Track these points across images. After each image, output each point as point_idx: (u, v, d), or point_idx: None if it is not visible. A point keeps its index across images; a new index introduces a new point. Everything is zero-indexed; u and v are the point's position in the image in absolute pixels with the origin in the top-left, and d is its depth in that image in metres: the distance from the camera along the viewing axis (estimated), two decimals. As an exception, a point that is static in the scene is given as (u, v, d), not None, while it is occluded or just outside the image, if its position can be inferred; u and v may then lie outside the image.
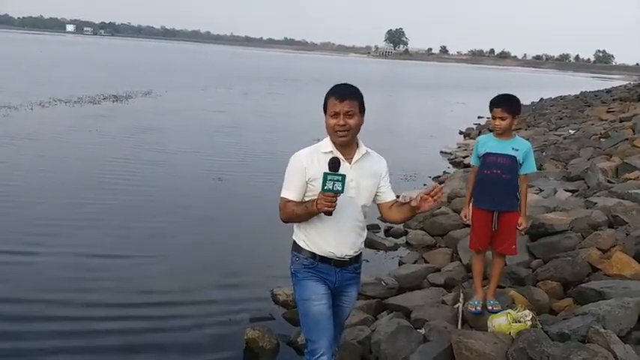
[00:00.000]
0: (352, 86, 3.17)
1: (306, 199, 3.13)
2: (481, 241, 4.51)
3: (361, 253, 3.34)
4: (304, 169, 3.10)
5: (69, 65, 40.73)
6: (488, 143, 4.42)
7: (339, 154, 3.10)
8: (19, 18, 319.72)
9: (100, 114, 17.49)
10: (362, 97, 3.16)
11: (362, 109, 3.13)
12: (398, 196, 3.36)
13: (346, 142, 3.12)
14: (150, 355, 4.63)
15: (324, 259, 3.19)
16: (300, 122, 18.37)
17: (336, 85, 3.16)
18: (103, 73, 34.44)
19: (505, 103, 4.31)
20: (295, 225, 3.26)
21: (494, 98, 4.39)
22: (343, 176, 2.88)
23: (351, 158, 3.15)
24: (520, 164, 4.33)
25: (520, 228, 4.46)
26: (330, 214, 2.94)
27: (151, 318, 5.17)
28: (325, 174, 2.88)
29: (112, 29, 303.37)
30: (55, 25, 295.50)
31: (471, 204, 4.63)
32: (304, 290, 3.22)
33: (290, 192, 3.13)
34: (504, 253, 4.59)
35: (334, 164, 2.94)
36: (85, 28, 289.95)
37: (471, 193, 4.63)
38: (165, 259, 6.52)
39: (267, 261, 6.53)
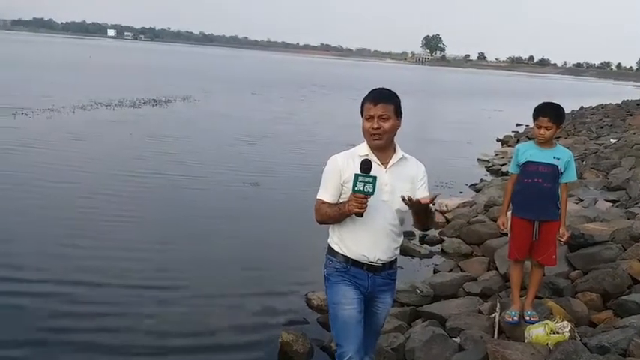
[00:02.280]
0: (388, 90, 3.18)
1: (341, 201, 3.13)
2: (520, 251, 4.45)
3: (396, 259, 3.31)
4: (340, 172, 3.12)
5: (111, 69, 41.59)
6: (529, 151, 4.35)
7: (374, 158, 3.10)
8: (62, 23, 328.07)
9: (139, 117, 17.84)
10: (398, 101, 3.16)
11: (398, 113, 3.13)
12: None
13: (381, 146, 3.12)
14: (185, 356, 4.69)
15: (356, 263, 3.18)
16: (334, 129, 18.41)
17: (373, 90, 3.17)
18: (143, 78, 35.07)
19: (552, 113, 4.24)
20: (330, 228, 3.26)
21: (540, 106, 4.32)
22: (374, 178, 2.88)
23: (387, 163, 3.15)
24: (561, 173, 4.27)
25: (563, 239, 4.40)
26: (360, 215, 2.94)
27: (187, 320, 5.23)
28: (356, 175, 2.89)
29: (152, 34, 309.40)
30: (97, 30, 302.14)
31: (509, 213, 4.58)
32: (335, 294, 3.22)
33: (325, 193, 3.16)
34: (544, 264, 4.51)
35: (366, 166, 2.93)
36: (125, 33, 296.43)
37: (508, 202, 4.57)
38: (202, 262, 6.61)
39: (302, 265, 6.58)
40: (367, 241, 3.14)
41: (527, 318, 4.34)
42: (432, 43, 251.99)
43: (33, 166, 10.28)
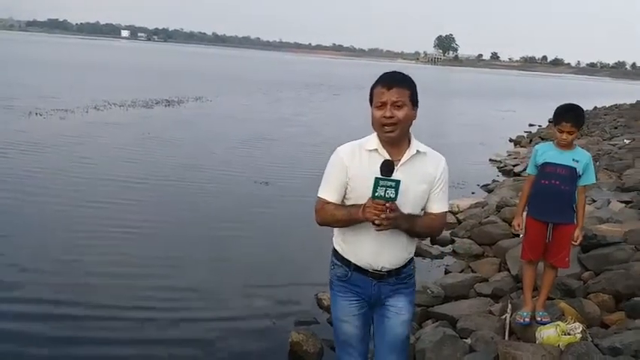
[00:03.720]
0: (402, 73, 2.73)
1: (346, 201, 2.79)
2: (534, 252, 4.40)
3: (407, 265, 2.90)
4: (345, 167, 2.72)
5: (124, 70, 41.85)
6: (548, 152, 4.30)
7: (385, 153, 2.69)
8: (76, 24, 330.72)
9: (152, 118, 17.97)
10: (415, 86, 2.72)
11: (414, 101, 2.69)
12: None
13: (395, 139, 2.68)
14: (195, 356, 4.70)
15: (359, 269, 2.83)
16: (345, 129, 18.39)
17: (384, 73, 2.72)
18: (156, 78, 35.28)
19: (575, 118, 4.20)
20: (335, 228, 2.92)
21: (562, 111, 4.25)
22: (397, 182, 2.49)
23: (399, 159, 2.70)
24: (579, 175, 4.21)
25: (576, 242, 4.34)
26: (379, 225, 2.55)
27: (197, 319, 5.25)
28: (377, 179, 2.50)
29: (165, 35, 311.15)
30: (111, 31, 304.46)
31: (524, 213, 4.54)
32: (335, 307, 2.98)
33: (328, 192, 2.78)
34: (557, 266, 4.47)
35: (388, 168, 2.54)
36: (139, 34, 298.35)
37: (525, 203, 4.52)
38: (212, 262, 6.64)
39: (312, 265, 6.56)
40: (371, 247, 2.76)
41: (539, 319, 4.30)
42: (445, 42, 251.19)
43: (44, 169, 10.36)
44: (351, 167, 2.73)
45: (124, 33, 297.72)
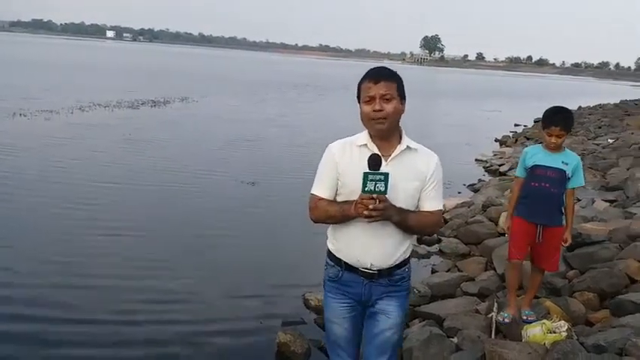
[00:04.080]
0: (388, 68, 2.77)
1: (338, 197, 2.80)
2: (521, 251, 4.39)
3: (400, 266, 2.86)
4: (335, 163, 2.75)
5: (109, 70, 41.58)
6: (537, 155, 4.28)
7: (374, 148, 2.71)
8: (61, 24, 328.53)
9: (137, 118, 17.84)
10: (401, 80, 2.74)
11: (402, 95, 2.72)
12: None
13: (384, 132, 2.70)
14: (183, 354, 4.68)
15: (350, 268, 2.83)
16: (330, 129, 18.41)
17: (371, 68, 2.76)
18: (142, 79, 35.09)
19: (563, 122, 4.16)
20: (329, 226, 2.92)
21: (550, 114, 4.23)
22: (386, 175, 2.50)
23: (390, 154, 2.72)
24: (568, 178, 4.21)
25: (565, 244, 4.38)
26: (372, 219, 2.57)
27: (183, 321, 5.21)
28: (365, 174, 2.50)
29: (151, 35, 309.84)
30: (96, 32, 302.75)
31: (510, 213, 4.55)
32: (326, 308, 2.99)
33: (320, 189, 2.80)
34: (549, 270, 4.52)
35: (375, 162, 2.55)
36: (124, 35, 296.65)
37: (514, 206, 4.49)
38: (199, 262, 6.59)
39: (300, 265, 6.58)
40: (359, 244, 2.76)
41: (525, 318, 4.33)
42: (431, 43, 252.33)
43: (25, 170, 10.26)
44: (341, 163, 2.74)
45: (110, 33, 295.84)
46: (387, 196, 2.56)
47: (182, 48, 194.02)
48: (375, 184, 2.50)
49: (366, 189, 2.51)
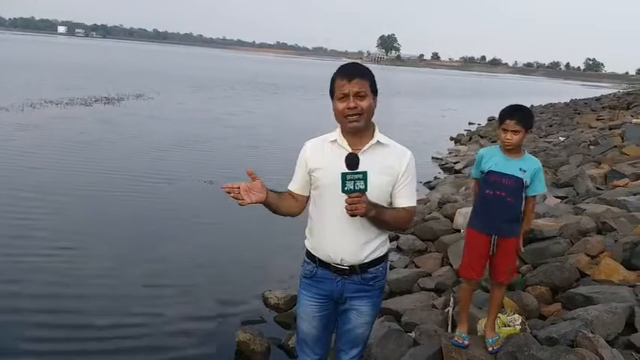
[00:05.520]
0: (361, 65, 2.78)
1: (313, 191, 2.87)
2: (475, 269, 3.84)
3: (373, 264, 2.85)
4: (305, 160, 2.84)
5: (59, 67, 40.53)
6: (493, 159, 3.77)
7: (344, 143, 2.75)
8: (10, 19, 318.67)
9: (90, 116, 17.46)
10: (373, 76, 2.75)
11: (374, 91, 2.74)
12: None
13: (359, 129, 2.72)
14: (140, 356, 4.63)
15: (323, 264, 2.85)
16: (286, 126, 18.39)
17: (344, 65, 2.77)
18: (94, 75, 34.33)
19: (519, 115, 3.69)
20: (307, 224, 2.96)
21: (506, 109, 3.76)
22: (364, 173, 2.53)
23: (359, 150, 2.73)
24: (527, 187, 3.73)
25: (519, 253, 4.05)
26: (353, 215, 2.59)
27: (139, 323, 5.15)
28: (343, 174, 2.53)
29: (104, 31, 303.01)
30: (47, 27, 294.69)
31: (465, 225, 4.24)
32: (298, 305, 3.01)
33: (292, 183, 2.92)
34: (507, 283, 3.95)
35: (352, 161, 2.57)
36: (76, 30, 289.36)
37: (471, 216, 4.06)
38: (155, 262, 6.51)
39: (258, 263, 6.54)
40: (330, 239, 2.80)
41: (491, 348, 3.77)
42: (387, 42, 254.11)
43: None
44: (312, 159, 2.82)
45: (61, 29, 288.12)
46: (367, 189, 2.58)
47: (136, 44, 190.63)
48: (355, 182, 2.53)
49: (346, 188, 2.54)
